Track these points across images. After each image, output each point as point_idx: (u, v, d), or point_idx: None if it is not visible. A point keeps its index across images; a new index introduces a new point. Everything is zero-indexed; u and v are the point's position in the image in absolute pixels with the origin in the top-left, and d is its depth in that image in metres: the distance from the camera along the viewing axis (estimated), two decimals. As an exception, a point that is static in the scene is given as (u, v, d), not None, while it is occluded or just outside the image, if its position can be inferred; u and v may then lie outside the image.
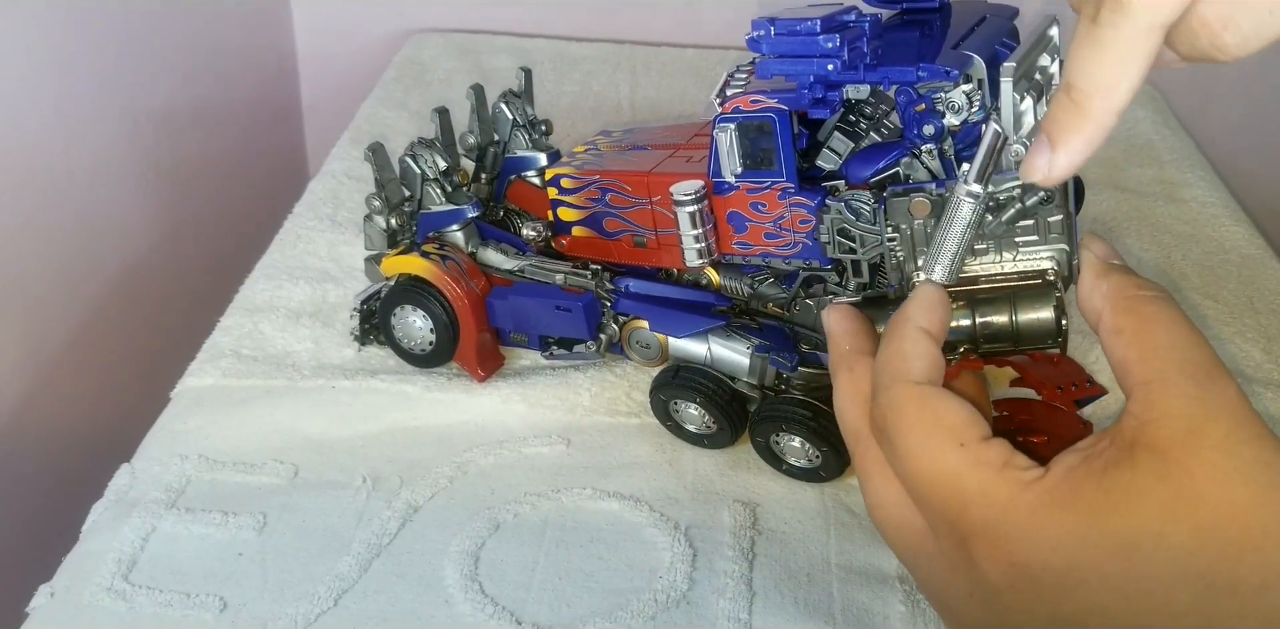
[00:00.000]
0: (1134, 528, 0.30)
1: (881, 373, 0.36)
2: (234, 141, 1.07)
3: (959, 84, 0.42)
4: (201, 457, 0.56)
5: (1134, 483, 0.31)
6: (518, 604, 0.48)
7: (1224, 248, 0.76)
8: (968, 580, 0.33)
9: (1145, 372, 0.33)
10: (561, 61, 1.05)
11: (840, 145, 0.47)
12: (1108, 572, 0.30)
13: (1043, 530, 0.31)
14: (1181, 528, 0.30)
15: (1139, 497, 0.30)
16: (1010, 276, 0.39)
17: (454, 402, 0.59)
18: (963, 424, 0.34)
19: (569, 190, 0.56)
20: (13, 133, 0.75)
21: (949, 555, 0.33)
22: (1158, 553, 0.30)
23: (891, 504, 0.36)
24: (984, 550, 0.32)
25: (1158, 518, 0.30)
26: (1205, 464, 0.30)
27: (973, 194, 0.37)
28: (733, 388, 0.54)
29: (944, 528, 0.33)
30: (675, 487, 0.55)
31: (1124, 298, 0.35)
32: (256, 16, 1.11)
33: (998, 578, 0.32)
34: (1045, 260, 0.39)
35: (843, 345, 0.40)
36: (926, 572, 0.35)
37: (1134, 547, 0.30)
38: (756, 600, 0.48)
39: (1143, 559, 0.30)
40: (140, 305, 0.91)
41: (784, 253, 0.51)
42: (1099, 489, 0.31)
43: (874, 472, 0.37)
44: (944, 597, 0.35)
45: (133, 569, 0.49)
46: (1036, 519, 0.31)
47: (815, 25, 0.42)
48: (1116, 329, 0.34)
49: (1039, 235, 0.38)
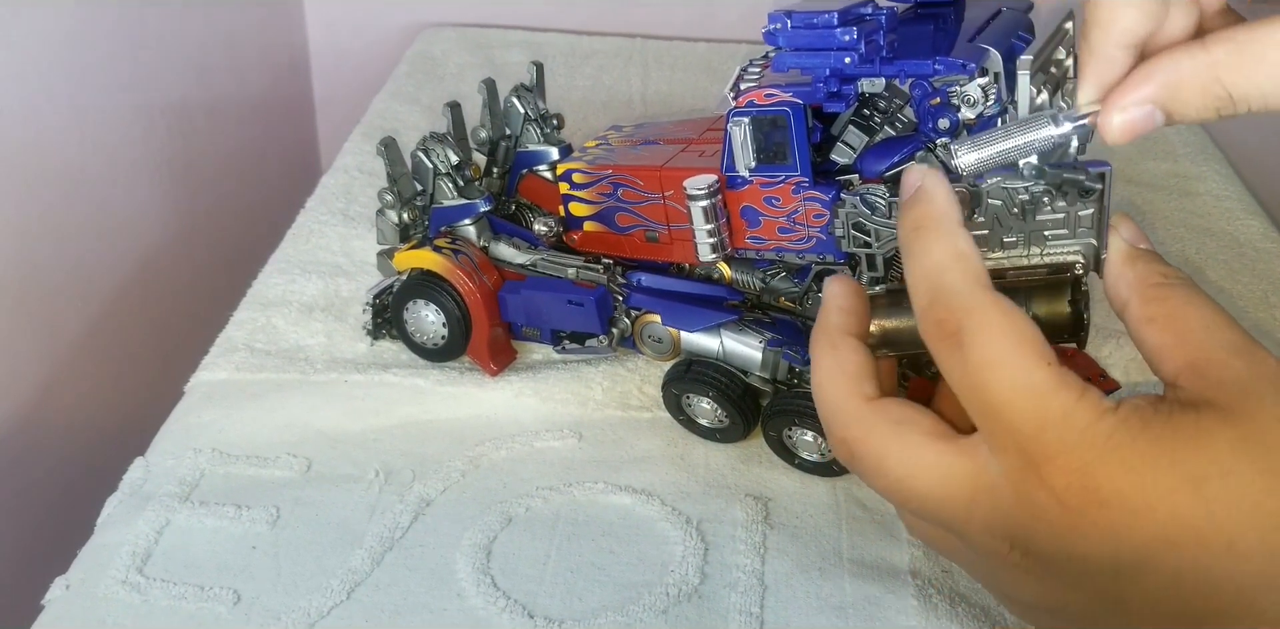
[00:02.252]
0: (1203, 462, 0.30)
1: (946, 274, 0.34)
2: (247, 136, 1.07)
3: (975, 78, 0.42)
4: (215, 450, 0.56)
5: (1200, 424, 0.31)
6: (529, 597, 0.48)
7: (1239, 241, 0.75)
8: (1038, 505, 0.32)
9: (1187, 353, 0.33)
10: (573, 56, 1.05)
11: (855, 139, 0.47)
12: (1177, 502, 0.30)
13: (1117, 456, 0.31)
14: (1251, 468, 0.30)
15: (1206, 436, 0.30)
16: (1037, 270, 0.39)
17: (466, 395, 0.59)
18: (1044, 343, 0.32)
19: (581, 185, 0.56)
20: (27, 128, 0.75)
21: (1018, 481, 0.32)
22: (1225, 491, 0.30)
23: (929, 466, 0.34)
24: (1059, 472, 0.31)
25: (1227, 456, 0.30)
26: (1269, 418, 0.30)
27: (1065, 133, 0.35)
28: (745, 382, 0.54)
29: (1013, 449, 0.32)
30: (687, 481, 0.55)
31: (1150, 286, 0.35)
32: (269, 11, 1.11)
33: (1071, 499, 0.31)
34: (1072, 254, 0.38)
35: (832, 318, 0.38)
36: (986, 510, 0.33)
37: (1203, 480, 0.30)
38: (768, 594, 0.48)
39: (1212, 494, 0.30)
40: (154, 300, 0.91)
41: (798, 247, 0.50)
42: (1167, 425, 0.31)
43: (890, 444, 0.35)
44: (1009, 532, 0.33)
45: (147, 562, 0.50)
46: (1112, 444, 0.31)
47: (833, 18, 0.42)
48: (1148, 318, 0.34)
49: (1068, 229, 0.38)
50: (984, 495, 0.33)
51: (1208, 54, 0.32)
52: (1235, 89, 0.32)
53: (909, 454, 0.34)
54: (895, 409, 0.35)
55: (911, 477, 0.34)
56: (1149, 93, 0.33)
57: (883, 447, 0.35)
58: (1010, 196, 0.37)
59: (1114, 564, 0.31)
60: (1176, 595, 0.31)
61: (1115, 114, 0.34)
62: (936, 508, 0.34)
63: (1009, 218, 0.38)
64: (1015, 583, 0.35)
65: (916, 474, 0.34)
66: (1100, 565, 0.31)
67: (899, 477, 0.35)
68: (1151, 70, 0.33)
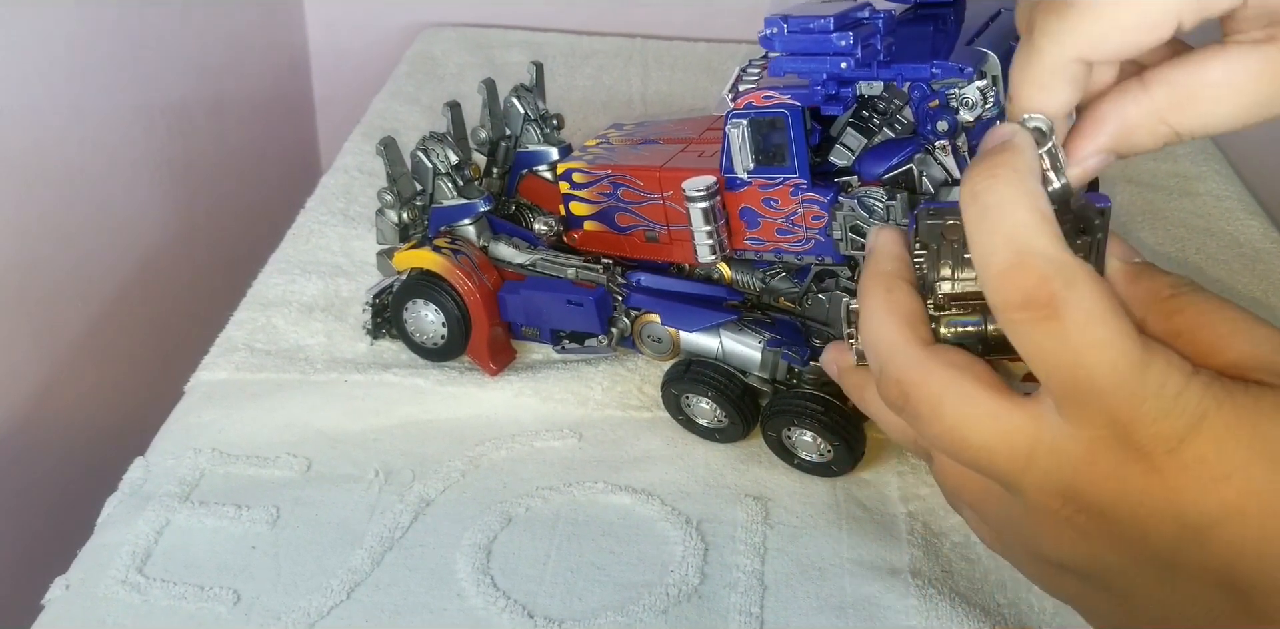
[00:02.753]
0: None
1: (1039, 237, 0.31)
2: (247, 136, 1.07)
3: (973, 80, 0.42)
4: (215, 450, 0.56)
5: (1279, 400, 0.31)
6: (529, 597, 0.48)
7: (1238, 241, 0.76)
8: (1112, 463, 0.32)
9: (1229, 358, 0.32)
10: (573, 56, 1.05)
11: (853, 141, 0.47)
12: (1254, 473, 0.30)
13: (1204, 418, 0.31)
14: None
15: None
16: None
17: (466, 395, 0.60)
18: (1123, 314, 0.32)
19: (581, 184, 0.56)
20: (27, 128, 0.75)
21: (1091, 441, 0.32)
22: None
23: (987, 416, 0.33)
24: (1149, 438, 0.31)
25: None
26: None
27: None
28: (744, 382, 0.54)
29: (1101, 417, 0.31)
30: (687, 481, 0.55)
31: (1163, 301, 0.34)
32: (269, 11, 1.11)
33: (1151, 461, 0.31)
34: None
35: (884, 265, 0.37)
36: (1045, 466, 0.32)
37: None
38: (768, 594, 0.48)
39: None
40: (154, 300, 0.91)
41: (797, 249, 0.51)
42: (1249, 396, 0.31)
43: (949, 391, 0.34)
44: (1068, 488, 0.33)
45: (147, 562, 0.50)
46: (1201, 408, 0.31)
47: (829, 23, 0.42)
48: (1172, 333, 0.33)
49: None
50: (1045, 453, 0.33)
51: (1151, 99, 0.34)
52: (1180, 126, 0.34)
53: (967, 403, 0.33)
54: (954, 355, 0.34)
55: (966, 426, 0.34)
56: (1103, 143, 0.35)
57: (940, 392, 0.34)
58: None
59: (1177, 527, 0.31)
60: (1235, 565, 0.31)
61: (1075, 168, 0.35)
62: (990, 459, 0.34)
63: None
64: (1057, 539, 0.34)
65: (973, 424, 0.33)
66: (1162, 528, 0.31)
67: (953, 424, 0.34)
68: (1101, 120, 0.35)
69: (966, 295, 0.37)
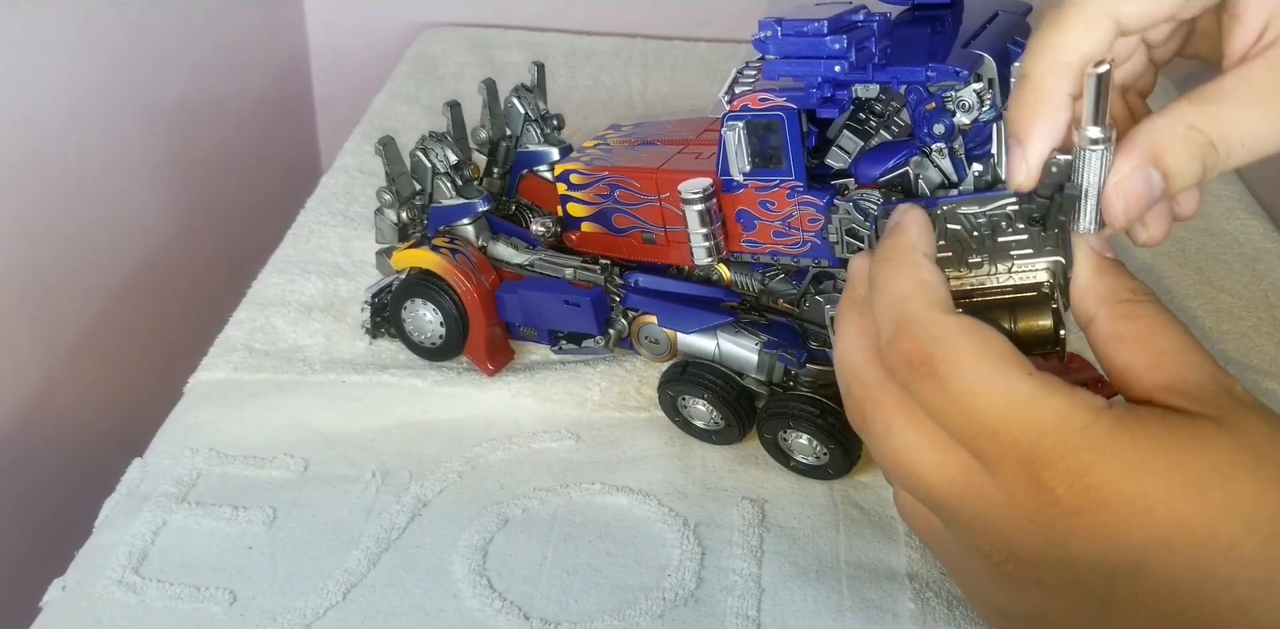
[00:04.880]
0: (1203, 467, 0.30)
1: (909, 302, 0.34)
2: (247, 136, 1.07)
3: (969, 83, 0.42)
4: (212, 450, 0.56)
5: (1198, 430, 0.31)
6: (526, 599, 0.48)
7: (1238, 241, 0.75)
8: (1033, 507, 0.32)
9: (1163, 376, 0.33)
10: (573, 56, 1.05)
11: (849, 144, 0.47)
12: (1176, 505, 0.30)
13: (1118, 453, 0.31)
14: (1249, 476, 0.30)
15: (1206, 442, 0.30)
16: (1005, 289, 0.38)
17: (464, 396, 0.60)
18: (1018, 354, 0.33)
19: (578, 186, 0.56)
20: (27, 128, 0.75)
21: (1010, 487, 0.32)
22: (1226, 496, 0.30)
23: (927, 446, 0.34)
24: (1059, 475, 0.31)
25: (1226, 463, 0.30)
26: (1259, 432, 0.31)
27: (1095, 140, 0.34)
28: (741, 384, 0.54)
29: (1012, 459, 0.32)
30: (684, 481, 0.55)
31: (1120, 302, 0.35)
32: (269, 11, 1.11)
33: (1069, 500, 0.31)
34: (1041, 272, 0.38)
35: (859, 290, 0.38)
36: (974, 508, 0.33)
37: (1204, 485, 0.30)
38: (765, 598, 0.48)
39: (1213, 499, 0.30)
40: (153, 300, 0.91)
41: (793, 251, 0.51)
42: (1166, 427, 0.31)
43: (897, 415, 0.34)
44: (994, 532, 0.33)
45: (143, 562, 0.50)
46: (1111, 443, 0.31)
47: (822, 26, 0.41)
48: (1116, 336, 0.34)
49: (1033, 248, 0.38)
50: (974, 496, 0.33)
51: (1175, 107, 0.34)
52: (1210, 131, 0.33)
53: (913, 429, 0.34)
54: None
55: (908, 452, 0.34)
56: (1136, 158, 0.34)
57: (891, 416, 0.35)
58: (969, 221, 0.37)
59: (1108, 566, 0.31)
60: (1170, 599, 0.31)
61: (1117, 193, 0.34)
62: (928, 492, 0.34)
63: (970, 239, 0.38)
64: (995, 588, 0.35)
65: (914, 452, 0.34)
66: (1092, 568, 0.31)
67: (898, 448, 0.34)
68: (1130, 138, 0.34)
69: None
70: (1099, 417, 0.31)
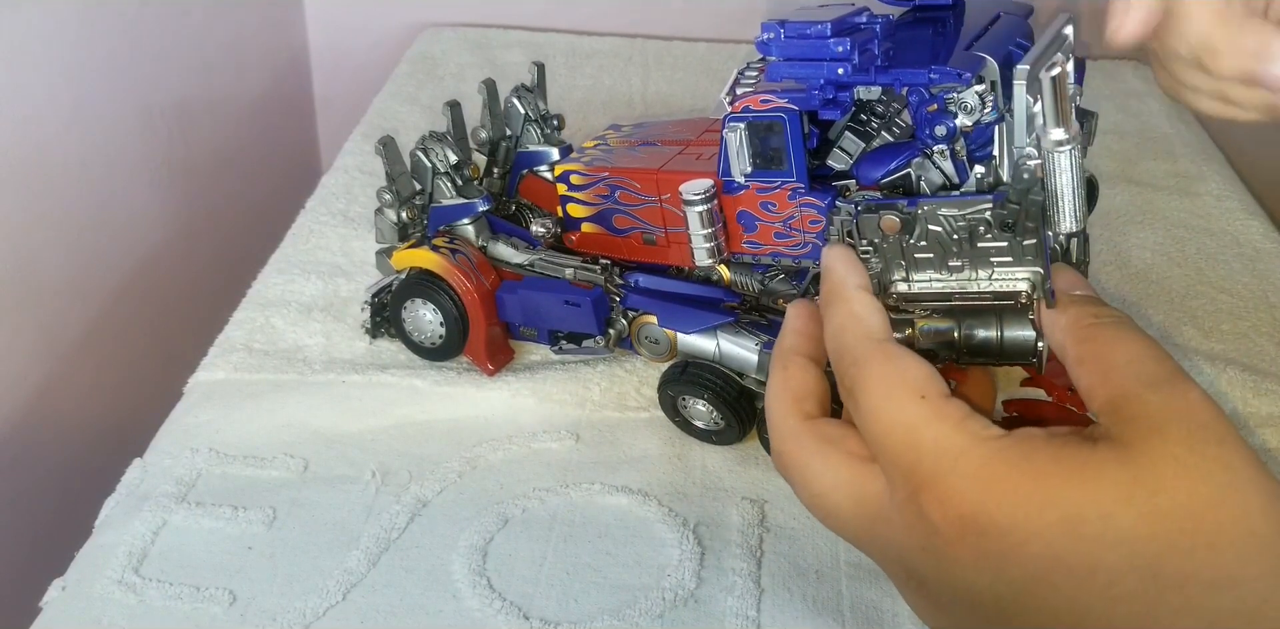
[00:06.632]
0: (1083, 502, 0.30)
1: (843, 335, 0.36)
2: (247, 136, 1.07)
3: (971, 85, 0.42)
4: (212, 450, 0.56)
5: (1091, 459, 0.30)
6: (525, 599, 0.48)
7: (1238, 241, 0.75)
8: (920, 534, 0.32)
9: (1109, 390, 0.32)
10: (573, 56, 1.05)
11: (851, 145, 0.47)
12: (1050, 539, 0.30)
13: (991, 485, 0.31)
14: (1132, 512, 0.29)
15: (1094, 474, 0.30)
16: (984, 296, 0.39)
17: (464, 396, 0.60)
18: (925, 379, 0.34)
19: (578, 186, 0.56)
20: (27, 127, 0.75)
21: (903, 510, 0.33)
22: (1106, 533, 0.29)
23: (846, 483, 0.35)
24: (934, 501, 0.31)
25: (1110, 498, 0.29)
26: (1166, 457, 0.30)
27: (1061, 141, 0.35)
28: (741, 384, 0.54)
29: (899, 480, 0.33)
30: (684, 482, 0.55)
31: (1080, 327, 0.35)
32: (269, 11, 1.11)
33: (947, 529, 0.31)
34: (1021, 282, 0.38)
35: (786, 340, 0.40)
36: (885, 538, 0.34)
37: (1080, 520, 0.29)
38: (765, 598, 0.48)
39: (1088, 536, 0.29)
40: (153, 300, 0.91)
41: (794, 253, 0.51)
42: (1053, 459, 0.31)
43: (815, 457, 0.36)
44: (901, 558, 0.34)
45: (143, 562, 0.50)
46: (986, 472, 0.31)
47: (825, 29, 0.41)
48: (1079, 359, 0.34)
49: (1014, 257, 0.38)
50: (881, 521, 0.34)
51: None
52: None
53: (829, 471, 0.36)
54: (828, 428, 0.37)
55: (826, 493, 0.36)
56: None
57: (807, 461, 0.37)
58: (949, 222, 0.37)
59: (995, 594, 0.31)
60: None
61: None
62: (843, 525, 0.36)
63: (951, 243, 0.38)
64: (914, 606, 0.36)
65: (830, 491, 0.36)
66: (983, 594, 0.31)
67: (817, 492, 0.36)
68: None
69: (921, 296, 0.39)
70: (978, 445, 0.31)
